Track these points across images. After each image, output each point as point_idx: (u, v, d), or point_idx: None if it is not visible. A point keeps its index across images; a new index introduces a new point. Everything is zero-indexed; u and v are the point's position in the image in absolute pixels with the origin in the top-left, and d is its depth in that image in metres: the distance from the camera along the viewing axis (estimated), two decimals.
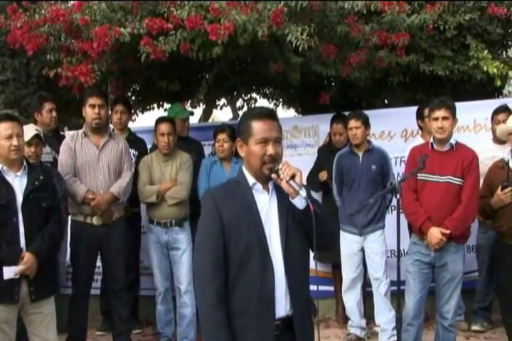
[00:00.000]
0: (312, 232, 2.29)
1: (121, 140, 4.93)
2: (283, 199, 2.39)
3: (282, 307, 2.36)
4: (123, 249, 4.81)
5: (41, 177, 3.72)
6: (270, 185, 2.44)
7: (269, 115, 2.41)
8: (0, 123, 3.62)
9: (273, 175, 2.34)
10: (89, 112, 4.71)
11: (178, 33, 4.74)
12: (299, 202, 2.30)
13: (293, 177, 2.28)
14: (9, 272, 3.52)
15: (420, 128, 5.29)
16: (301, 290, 2.41)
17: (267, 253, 2.34)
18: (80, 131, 4.80)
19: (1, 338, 3.55)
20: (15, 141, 3.59)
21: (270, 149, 2.35)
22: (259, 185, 2.43)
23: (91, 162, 4.67)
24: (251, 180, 2.44)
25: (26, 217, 3.58)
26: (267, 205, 2.41)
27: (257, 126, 2.38)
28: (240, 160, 5.11)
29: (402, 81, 6.07)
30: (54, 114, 5.14)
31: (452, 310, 4.18)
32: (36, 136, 4.28)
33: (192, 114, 5.86)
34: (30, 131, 4.24)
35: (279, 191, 2.41)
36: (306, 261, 2.47)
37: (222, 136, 5.05)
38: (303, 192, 2.26)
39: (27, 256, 3.55)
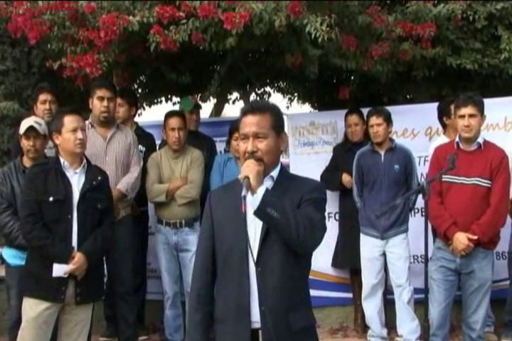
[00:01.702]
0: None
1: (129, 132, 4.94)
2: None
3: (257, 317, 2.35)
4: (130, 249, 4.82)
5: (99, 178, 3.85)
6: (265, 183, 2.41)
7: (252, 109, 2.43)
8: (65, 116, 3.77)
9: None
10: (98, 105, 4.73)
11: (190, 22, 4.74)
12: (242, 201, 2.25)
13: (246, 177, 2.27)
14: (59, 270, 3.62)
15: (444, 126, 5.24)
16: (279, 300, 2.34)
17: (245, 258, 2.35)
18: (86, 122, 4.77)
19: (39, 336, 3.66)
20: (79, 135, 3.75)
21: (248, 145, 2.38)
22: None
23: (98, 155, 4.66)
24: None
25: (81, 216, 3.70)
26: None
27: (241, 122, 2.45)
28: None
29: (427, 75, 6.03)
30: (48, 106, 5.00)
31: (480, 320, 4.16)
32: (31, 129, 4.22)
33: (199, 107, 5.83)
34: (26, 123, 4.25)
35: (274, 190, 2.40)
36: (293, 266, 2.37)
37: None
38: (244, 192, 2.23)
39: (78, 256, 3.65)
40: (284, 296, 2.35)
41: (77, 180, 3.77)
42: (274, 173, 2.45)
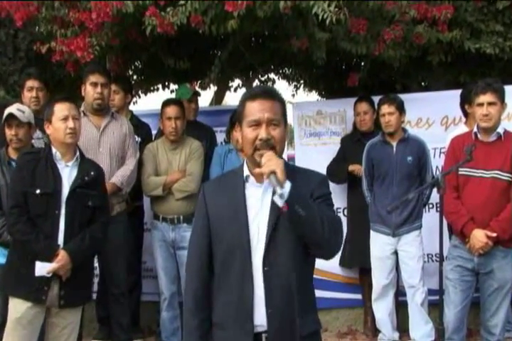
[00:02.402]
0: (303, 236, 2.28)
1: (124, 121, 4.94)
2: None
3: (261, 320, 2.34)
4: (124, 247, 4.83)
5: (92, 173, 3.79)
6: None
7: (264, 94, 2.38)
8: (56, 103, 3.75)
9: (257, 170, 2.31)
10: (91, 91, 4.72)
11: (188, 3, 4.71)
12: (279, 200, 2.23)
13: (273, 173, 2.22)
14: (41, 269, 3.58)
15: (466, 115, 5.21)
16: (287, 302, 2.33)
17: (247, 257, 2.33)
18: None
19: (23, 338, 3.63)
20: (71, 123, 3.70)
21: (262, 132, 2.32)
22: (252, 178, 2.41)
23: (91, 146, 4.66)
24: (246, 171, 2.43)
25: (69, 213, 3.65)
26: (259, 201, 2.38)
27: (250, 107, 2.37)
28: None
29: (443, 60, 6.01)
30: (35, 93, 4.99)
31: (500, 324, 4.15)
32: (12, 116, 4.18)
33: (198, 94, 5.83)
34: (7, 110, 4.22)
35: None
36: (301, 267, 2.37)
37: None
38: (279, 190, 2.18)
39: (61, 254, 3.60)
40: (291, 298, 2.33)
41: (68, 173, 3.72)
42: None
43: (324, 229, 2.22)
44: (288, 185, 2.21)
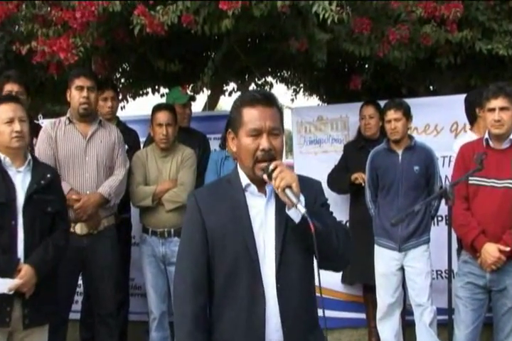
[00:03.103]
0: (314, 250, 2.25)
1: (113, 129, 4.94)
2: (284, 205, 2.32)
3: (274, 338, 2.35)
4: (113, 264, 4.79)
5: (48, 176, 3.77)
6: (268, 187, 2.41)
7: (264, 100, 2.36)
8: (0, 105, 3.70)
9: (264, 176, 2.32)
10: (76, 95, 4.72)
11: (179, 1, 4.74)
12: (295, 214, 2.25)
13: (288, 186, 2.23)
14: (2, 286, 3.50)
15: (471, 120, 5.20)
16: (300, 319, 2.36)
17: (256, 272, 2.34)
18: (64, 118, 4.79)
19: None
20: (17, 126, 3.66)
21: (263, 142, 2.32)
22: (253, 187, 2.41)
23: (76, 155, 4.67)
24: (245, 180, 2.42)
25: (27, 222, 3.62)
26: (262, 212, 2.39)
27: (248, 114, 2.36)
28: None
29: (452, 62, 6.04)
30: None
31: None
32: None
33: (193, 99, 5.86)
34: None
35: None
36: (309, 282, 2.42)
37: None
38: (301, 206, 2.20)
39: (25, 269, 3.56)
40: (303, 315, 2.37)
41: (21, 179, 3.68)
42: None
43: (339, 241, 2.27)
44: (303, 198, 2.23)
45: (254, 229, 2.34)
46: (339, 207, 5.29)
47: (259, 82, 8.62)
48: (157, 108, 5.13)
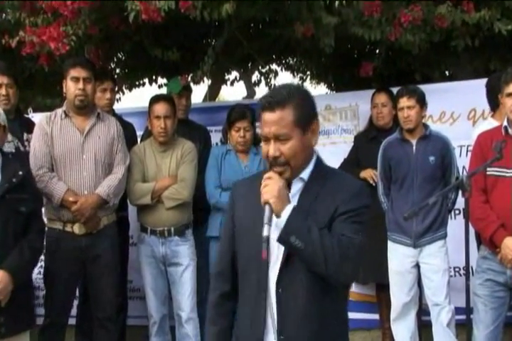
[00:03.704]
0: None
1: (112, 122, 4.92)
2: (305, 205, 2.40)
3: None
4: (114, 264, 4.82)
5: (20, 173, 3.75)
6: (294, 186, 2.47)
7: (269, 104, 2.42)
8: None
9: None
10: (72, 87, 4.71)
11: None
12: (266, 230, 2.31)
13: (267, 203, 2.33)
14: None
15: (493, 107, 5.20)
16: (303, 329, 2.39)
17: (263, 274, 2.41)
18: (60, 111, 4.79)
19: None
20: None
21: (270, 149, 2.41)
22: None
23: (73, 152, 4.68)
24: None
25: (0, 223, 3.60)
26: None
27: (262, 119, 2.46)
28: (260, 151, 5.13)
29: (469, 45, 5.98)
30: (4, 91, 4.99)
31: None
32: None
33: (187, 89, 5.83)
34: None
35: (304, 194, 2.44)
36: (317, 292, 2.39)
37: (243, 124, 5.07)
38: (266, 228, 2.29)
39: (0, 275, 3.55)
40: (307, 326, 2.37)
41: None
42: (305, 174, 2.47)
43: (328, 264, 2.27)
44: (286, 211, 2.30)
45: (271, 230, 2.36)
46: None
47: (263, 70, 8.63)
48: (155, 99, 5.13)
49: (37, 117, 5.21)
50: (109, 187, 4.71)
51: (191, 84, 6.21)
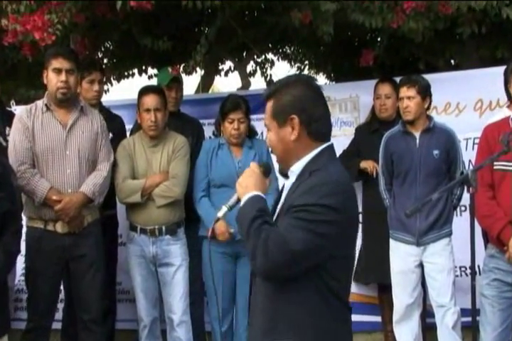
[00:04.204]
0: None
1: (96, 116, 4.91)
2: (286, 199, 2.56)
3: None
4: (98, 264, 4.81)
5: None
6: (290, 179, 2.62)
7: (264, 96, 2.66)
8: None
9: None
10: (53, 79, 4.67)
11: None
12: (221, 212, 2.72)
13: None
14: None
15: (510, 96, 5.18)
16: (257, 324, 2.54)
17: None
18: (40, 103, 4.75)
19: None
20: None
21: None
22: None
23: (56, 148, 4.66)
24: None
25: None
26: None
27: None
28: (255, 144, 5.14)
29: (475, 32, 5.98)
30: None
31: None
32: None
33: (176, 80, 5.76)
34: None
35: (289, 188, 2.57)
36: (270, 285, 2.49)
37: (237, 115, 5.05)
38: (220, 211, 2.71)
39: None
40: (262, 318, 2.52)
41: None
42: (296, 167, 2.56)
43: (255, 254, 2.38)
44: (243, 201, 2.53)
45: None
46: None
47: (259, 60, 8.59)
48: (144, 91, 5.11)
49: (20, 110, 5.19)
50: (94, 186, 4.70)
51: (183, 75, 6.18)
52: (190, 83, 8.98)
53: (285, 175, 2.63)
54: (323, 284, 2.45)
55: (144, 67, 8.02)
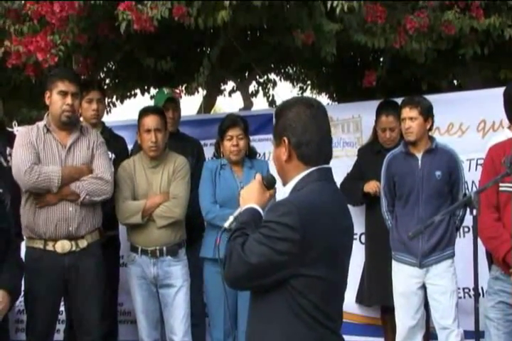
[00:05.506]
0: None
1: (93, 135, 4.89)
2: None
3: None
4: (98, 285, 4.79)
5: None
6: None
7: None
8: None
9: None
10: (59, 101, 4.64)
11: None
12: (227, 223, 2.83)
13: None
14: None
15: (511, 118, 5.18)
16: (247, 332, 2.67)
17: None
18: (41, 125, 4.74)
19: None
20: None
21: None
22: None
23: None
24: None
25: None
26: None
27: None
28: (255, 164, 5.15)
29: (478, 53, 6.02)
30: None
31: None
32: None
33: (175, 101, 5.77)
34: None
35: None
36: (256, 294, 2.62)
37: (235, 132, 5.06)
38: (227, 222, 2.81)
39: (1, 295, 3.61)
40: (249, 325, 2.68)
41: None
42: (288, 187, 2.68)
43: (225, 262, 2.53)
44: (231, 217, 2.77)
45: None
46: (354, 219, 5.26)
47: (261, 80, 8.63)
48: (144, 112, 5.10)
49: (22, 130, 5.20)
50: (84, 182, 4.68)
51: (184, 95, 6.22)
52: (193, 103, 9.03)
53: None
54: (293, 301, 2.50)
55: (146, 87, 8.06)
